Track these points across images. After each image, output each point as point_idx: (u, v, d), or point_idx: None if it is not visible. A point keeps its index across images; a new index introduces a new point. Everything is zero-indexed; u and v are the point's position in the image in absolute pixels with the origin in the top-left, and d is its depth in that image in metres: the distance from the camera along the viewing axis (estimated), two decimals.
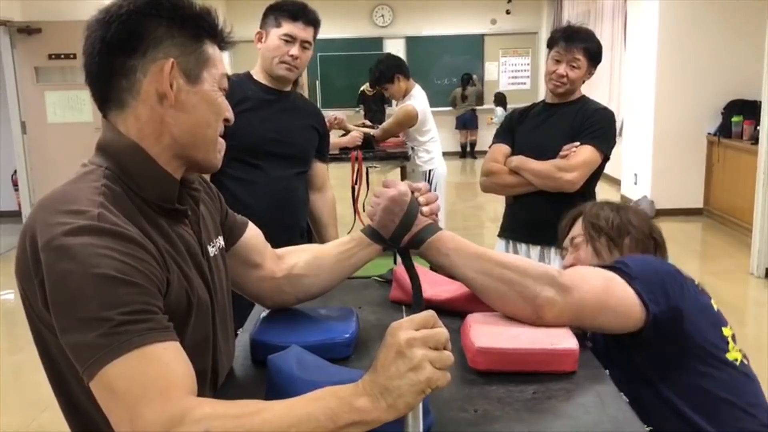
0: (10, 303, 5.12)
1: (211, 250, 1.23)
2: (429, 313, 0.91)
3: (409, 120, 4.49)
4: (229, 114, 1.16)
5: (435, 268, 1.48)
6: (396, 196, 1.34)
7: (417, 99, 4.49)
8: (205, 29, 1.11)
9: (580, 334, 1.30)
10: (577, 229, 1.64)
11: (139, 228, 1.00)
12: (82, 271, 0.90)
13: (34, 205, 1.01)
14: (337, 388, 0.90)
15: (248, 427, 0.85)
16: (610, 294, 1.28)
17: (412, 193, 1.37)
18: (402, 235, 1.35)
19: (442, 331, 0.90)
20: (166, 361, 0.90)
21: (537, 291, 1.25)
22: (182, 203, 1.14)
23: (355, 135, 4.47)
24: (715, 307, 1.43)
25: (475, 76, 12.22)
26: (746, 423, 1.32)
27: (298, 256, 1.41)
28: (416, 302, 1.39)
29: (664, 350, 1.33)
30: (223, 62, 1.15)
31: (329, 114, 4.25)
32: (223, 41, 1.16)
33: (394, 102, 5.00)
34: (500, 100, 11.86)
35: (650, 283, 1.31)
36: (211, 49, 1.12)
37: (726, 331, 1.40)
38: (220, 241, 1.28)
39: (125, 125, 1.07)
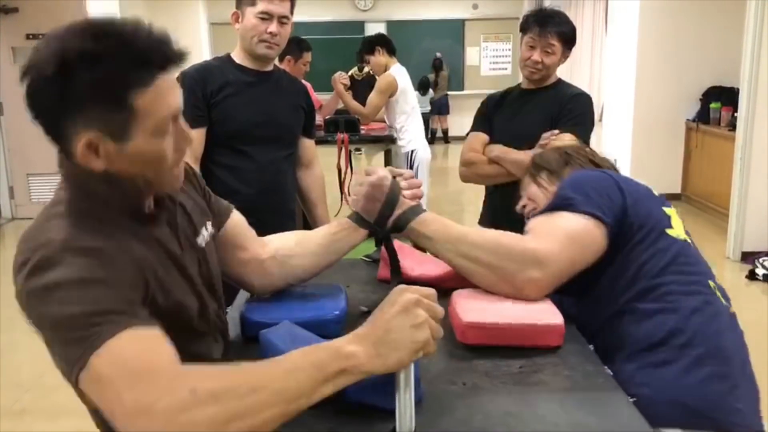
0: None
1: (201, 240, 1.23)
2: (431, 290, 0.95)
3: (389, 86, 4.67)
4: (186, 142, 1.06)
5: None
6: (376, 181, 1.39)
7: (395, 71, 4.70)
8: (130, 86, 0.95)
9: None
10: (526, 178, 1.71)
11: (113, 240, 0.98)
12: (56, 286, 0.90)
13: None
14: (326, 342, 0.93)
15: (234, 384, 0.84)
16: (574, 237, 1.33)
17: (394, 177, 1.41)
18: (386, 218, 1.39)
19: (440, 308, 0.94)
20: (144, 341, 0.89)
21: (517, 274, 1.31)
22: (158, 204, 1.12)
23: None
24: (656, 193, 1.50)
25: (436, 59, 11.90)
26: (684, 282, 1.35)
27: (283, 239, 1.44)
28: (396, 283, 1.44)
29: (616, 247, 1.36)
30: (169, 93, 0.99)
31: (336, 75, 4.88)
32: (166, 66, 0.98)
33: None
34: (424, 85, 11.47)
35: (593, 198, 1.37)
36: (141, 100, 0.95)
37: (668, 211, 1.45)
38: (209, 227, 1.29)
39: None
